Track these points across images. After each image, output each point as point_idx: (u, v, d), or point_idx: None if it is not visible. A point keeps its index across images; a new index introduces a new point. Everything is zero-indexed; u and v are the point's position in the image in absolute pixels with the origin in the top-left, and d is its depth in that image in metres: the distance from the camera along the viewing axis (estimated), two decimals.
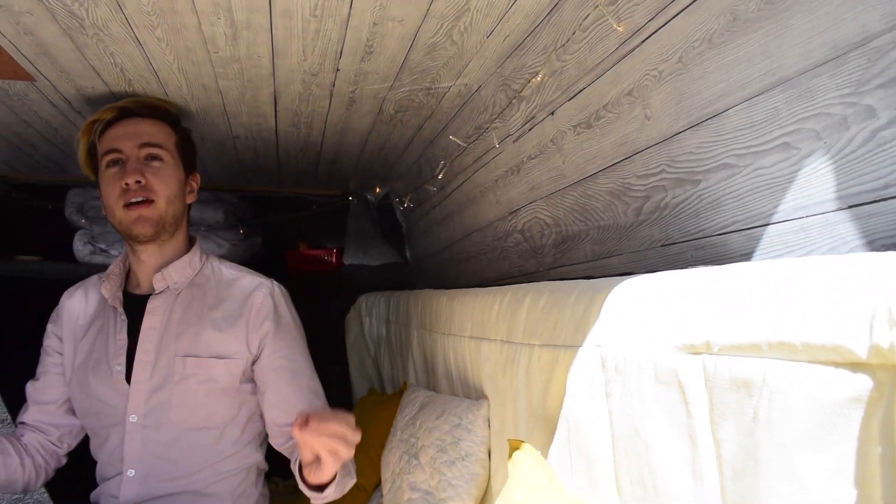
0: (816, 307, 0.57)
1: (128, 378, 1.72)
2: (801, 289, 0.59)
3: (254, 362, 1.75)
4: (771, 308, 0.62)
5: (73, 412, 1.85)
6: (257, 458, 1.85)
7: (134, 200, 1.67)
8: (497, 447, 1.42)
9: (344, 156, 2.51)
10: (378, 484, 2.06)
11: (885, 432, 0.48)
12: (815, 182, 0.78)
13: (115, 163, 1.69)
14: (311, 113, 1.98)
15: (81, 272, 2.14)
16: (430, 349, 1.93)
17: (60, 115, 2.02)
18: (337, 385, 3.18)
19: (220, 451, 1.75)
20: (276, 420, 1.75)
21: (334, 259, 3.21)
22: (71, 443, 1.86)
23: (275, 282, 1.83)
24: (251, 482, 1.84)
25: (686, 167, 1.02)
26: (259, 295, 1.77)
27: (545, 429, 1.14)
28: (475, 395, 1.56)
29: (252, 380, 1.78)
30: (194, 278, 1.79)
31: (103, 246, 2.92)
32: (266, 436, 1.88)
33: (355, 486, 2.13)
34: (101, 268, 1.91)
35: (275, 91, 1.79)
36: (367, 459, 2.16)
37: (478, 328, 1.50)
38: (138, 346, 1.73)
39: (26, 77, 1.71)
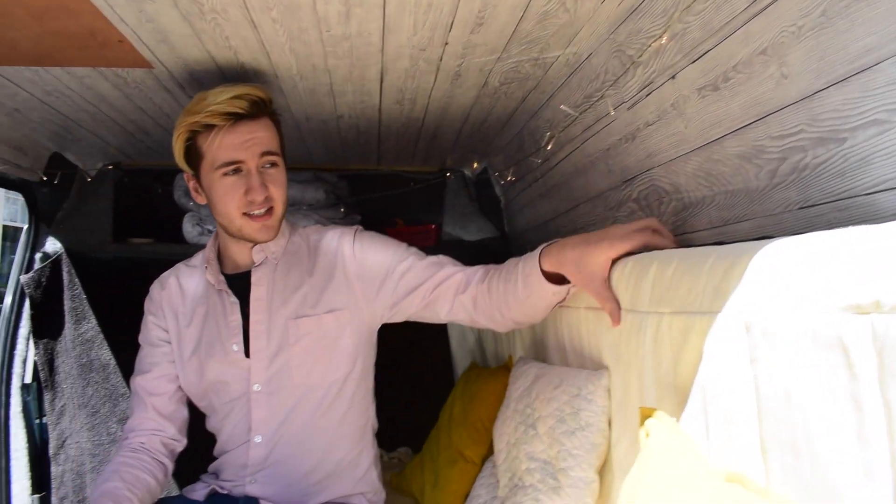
0: None
1: (246, 353, 1.80)
2: None
3: (376, 296, 1.82)
4: None
5: (183, 401, 1.93)
6: (370, 414, 1.96)
7: (258, 212, 1.73)
8: (618, 417, 1.41)
9: (444, 131, 2.52)
10: (486, 456, 2.08)
11: None
12: None
13: (234, 171, 1.72)
14: (416, 89, 1.99)
15: (191, 252, 2.22)
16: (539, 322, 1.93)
17: (173, 101, 2.10)
18: (439, 357, 3.23)
19: (340, 407, 1.83)
20: (434, 302, 1.80)
21: (433, 235, 3.23)
22: (185, 433, 1.94)
23: (354, 227, 1.91)
24: (367, 442, 1.94)
25: (829, 125, 0.98)
26: (345, 247, 1.85)
27: (675, 398, 1.13)
28: (592, 365, 1.55)
29: (364, 332, 1.85)
30: (287, 247, 1.87)
31: (211, 227, 3.03)
32: (374, 395, 1.96)
33: (463, 458, 2.17)
34: None
35: (382, 68, 1.80)
36: (475, 432, 2.19)
37: None
38: (251, 318, 1.81)
39: (145, 65, 1.78)
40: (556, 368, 1.65)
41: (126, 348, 2.82)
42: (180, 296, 1.94)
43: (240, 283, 1.85)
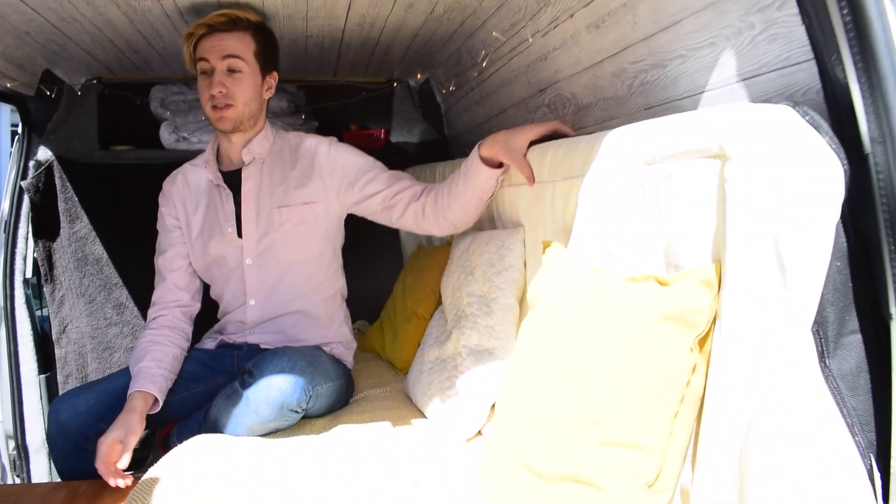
0: (702, 130, 1.10)
1: (238, 234, 2.28)
2: (694, 123, 1.13)
3: (344, 193, 2.26)
4: (684, 135, 1.15)
5: (196, 274, 2.38)
6: (341, 283, 2.44)
7: (218, 105, 2.16)
8: (531, 261, 1.93)
9: (395, 48, 2.90)
10: (433, 311, 2.54)
11: (720, 191, 1.03)
12: (726, 66, 1.29)
13: (204, 72, 2.17)
14: (376, 15, 2.37)
15: (169, 157, 2.55)
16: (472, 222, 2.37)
17: (171, 25, 2.42)
18: (389, 246, 3.65)
19: (316, 278, 2.32)
20: (392, 207, 2.25)
21: (382, 138, 3.62)
22: (199, 299, 2.39)
23: (330, 137, 2.35)
24: (338, 305, 2.42)
25: (659, 56, 1.52)
26: (321, 151, 2.29)
27: (565, 238, 1.67)
28: (512, 226, 2.06)
29: (334, 220, 2.31)
30: (271, 148, 2.30)
31: (185, 134, 3.33)
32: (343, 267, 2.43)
33: (416, 315, 2.63)
34: (185, 153, 2.29)
35: None
36: (425, 295, 2.58)
37: (515, 178, 2.00)
38: (242, 206, 2.27)
39: None
40: (487, 232, 2.18)
41: (116, 243, 3.15)
42: (187, 189, 2.38)
43: (234, 178, 2.30)
